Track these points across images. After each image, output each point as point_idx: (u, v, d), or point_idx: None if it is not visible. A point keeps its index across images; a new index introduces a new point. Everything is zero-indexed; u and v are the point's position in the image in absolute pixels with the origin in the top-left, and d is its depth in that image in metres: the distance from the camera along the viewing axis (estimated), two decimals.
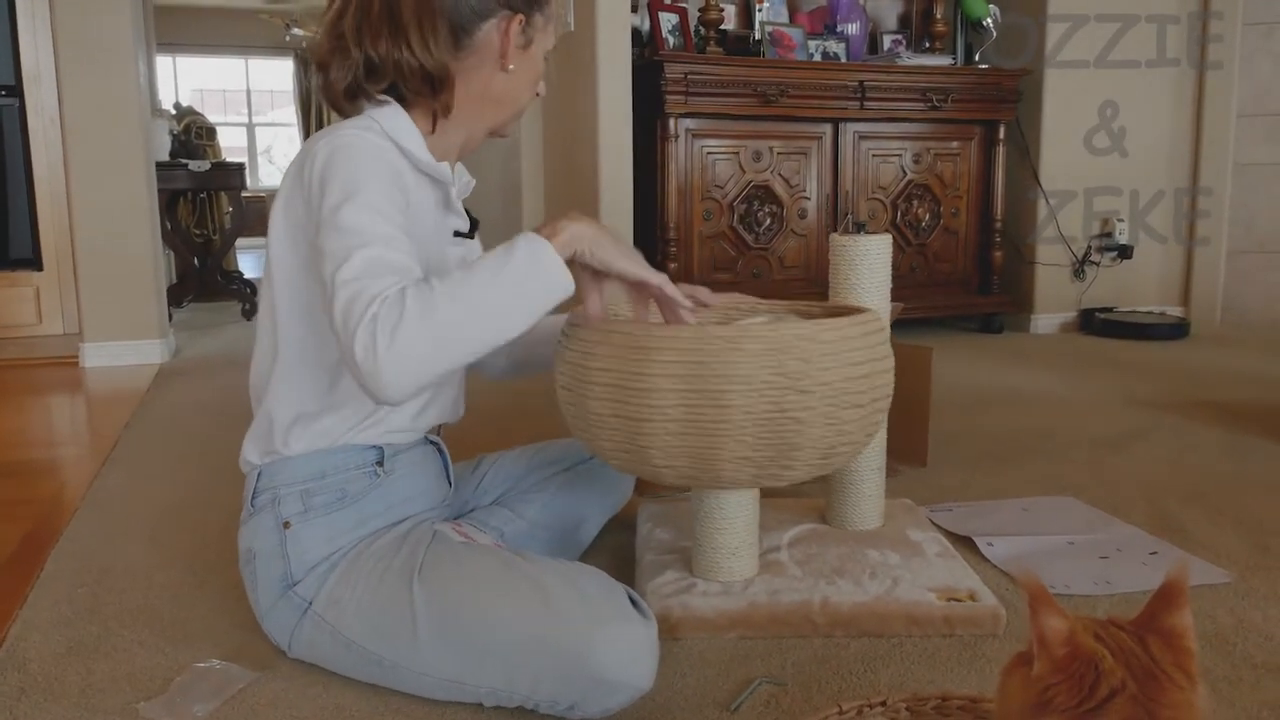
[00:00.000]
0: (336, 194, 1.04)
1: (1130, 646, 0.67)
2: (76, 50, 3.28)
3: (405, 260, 1.01)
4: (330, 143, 1.09)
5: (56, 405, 2.90)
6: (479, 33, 1.18)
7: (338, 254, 1.00)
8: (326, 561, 1.15)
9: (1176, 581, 0.68)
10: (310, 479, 1.18)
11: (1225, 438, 2.25)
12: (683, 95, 3.26)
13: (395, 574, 1.11)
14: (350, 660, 1.13)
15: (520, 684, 1.04)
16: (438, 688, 1.09)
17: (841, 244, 1.52)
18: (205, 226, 5.30)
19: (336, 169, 1.07)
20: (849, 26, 3.77)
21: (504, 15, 1.18)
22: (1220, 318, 3.99)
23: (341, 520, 1.17)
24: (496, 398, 2.57)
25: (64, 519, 1.80)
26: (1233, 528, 1.65)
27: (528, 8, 1.20)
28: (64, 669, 1.22)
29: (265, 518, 1.18)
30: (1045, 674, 0.67)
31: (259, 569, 1.18)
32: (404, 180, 1.13)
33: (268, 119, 11.60)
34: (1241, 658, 1.20)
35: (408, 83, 1.16)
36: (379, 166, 1.08)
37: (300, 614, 1.15)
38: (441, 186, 1.23)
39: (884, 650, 1.24)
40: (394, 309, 0.94)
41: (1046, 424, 2.41)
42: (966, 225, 3.85)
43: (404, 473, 1.23)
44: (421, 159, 1.17)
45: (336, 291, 0.97)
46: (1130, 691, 0.64)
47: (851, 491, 1.54)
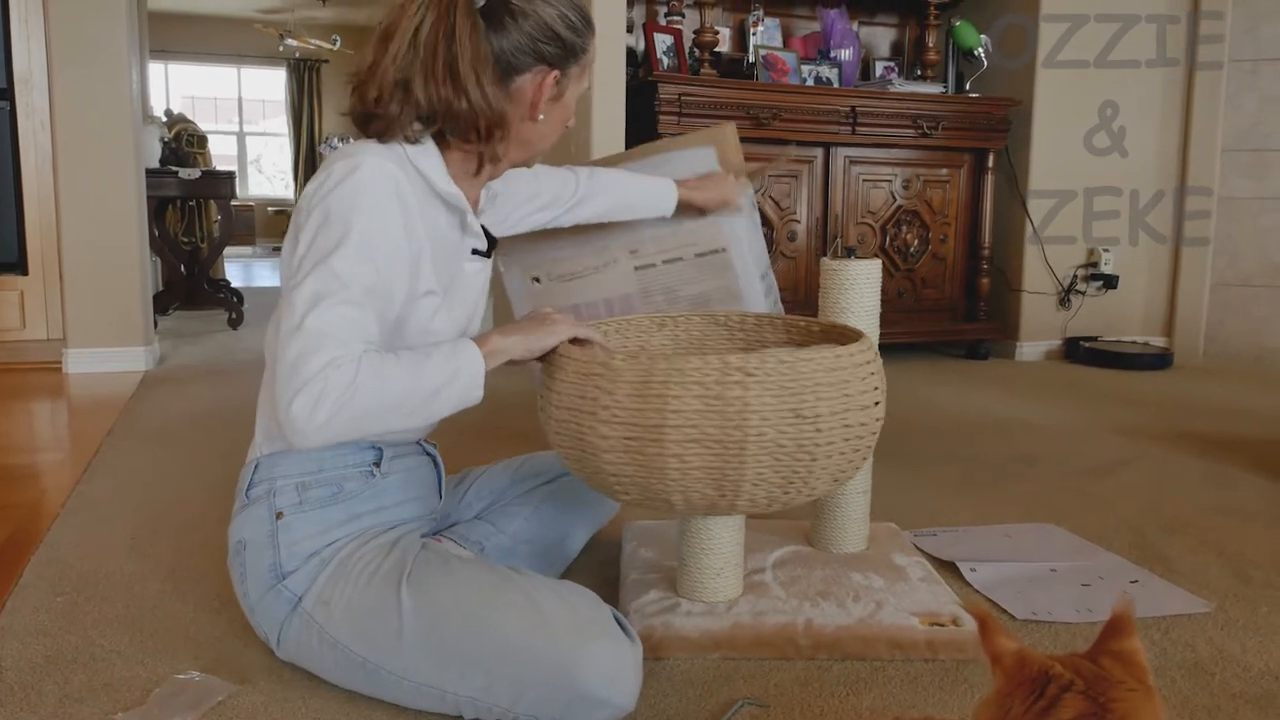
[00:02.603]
0: (339, 226, 1.07)
1: (1081, 661, 0.70)
2: (69, 54, 3.27)
3: (369, 326, 1.07)
4: (348, 170, 1.10)
5: (39, 411, 2.88)
6: (514, 85, 1.19)
7: (316, 294, 1.04)
8: (317, 557, 1.16)
9: (1123, 614, 0.72)
10: (308, 473, 1.19)
11: (1207, 468, 2.26)
12: (676, 116, 3.27)
13: (383, 577, 1.12)
14: (334, 661, 1.13)
15: (501, 695, 1.04)
16: (418, 693, 1.09)
17: (833, 268, 1.53)
18: (193, 234, 5.29)
19: (343, 204, 1.08)
20: (842, 52, 3.81)
21: (540, 70, 1.19)
22: (1203, 349, 4.03)
23: (334, 514, 1.18)
24: (481, 413, 2.57)
25: (44, 526, 1.78)
26: (1214, 558, 1.66)
27: (564, 62, 1.21)
28: (41, 679, 1.20)
29: (259, 508, 1.19)
30: (1001, 687, 0.70)
31: (249, 559, 1.18)
32: (410, 210, 1.14)
33: (259, 128, 11.59)
34: (1220, 687, 1.21)
35: (459, 129, 1.17)
36: (386, 206, 1.10)
37: (290, 609, 1.15)
38: (459, 212, 1.25)
39: (867, 673, 1.24)
40: (344, 384, 1.01)
41: (1030, 451, 2.42)
42: (954, 252, 3.88)
43: (399, 478, 1.25)
44: (440, 187, 1.19)
45: (298, 332, 1.02)
46: (1080, 687, 0.67)
47: (837, 515, 1.54)
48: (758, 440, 1.12)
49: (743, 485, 1.15)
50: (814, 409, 1.14)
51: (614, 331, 1.50)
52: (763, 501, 1.19)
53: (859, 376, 1.19)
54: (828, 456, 1.17)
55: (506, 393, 1.23)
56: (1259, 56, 3.84)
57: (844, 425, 1.16)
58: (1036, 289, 3.97)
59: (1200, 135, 3.95)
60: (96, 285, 3.39)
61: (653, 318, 1.54)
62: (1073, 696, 0.67)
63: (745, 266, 1.79)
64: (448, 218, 1.24)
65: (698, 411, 1.12)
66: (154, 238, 4.31)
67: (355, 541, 1.17)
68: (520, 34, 1.16)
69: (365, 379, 1.02)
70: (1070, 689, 0.67)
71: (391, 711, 1.12)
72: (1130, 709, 0.66)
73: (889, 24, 4.22)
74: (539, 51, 1.18)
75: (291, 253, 1.12)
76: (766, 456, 1.13)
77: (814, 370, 1.14)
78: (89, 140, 3.33)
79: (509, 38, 1.15)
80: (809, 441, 1.14)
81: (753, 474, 1.14)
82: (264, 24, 10.28)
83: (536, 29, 1.17)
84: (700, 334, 1.55)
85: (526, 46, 1.17)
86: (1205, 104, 3.92)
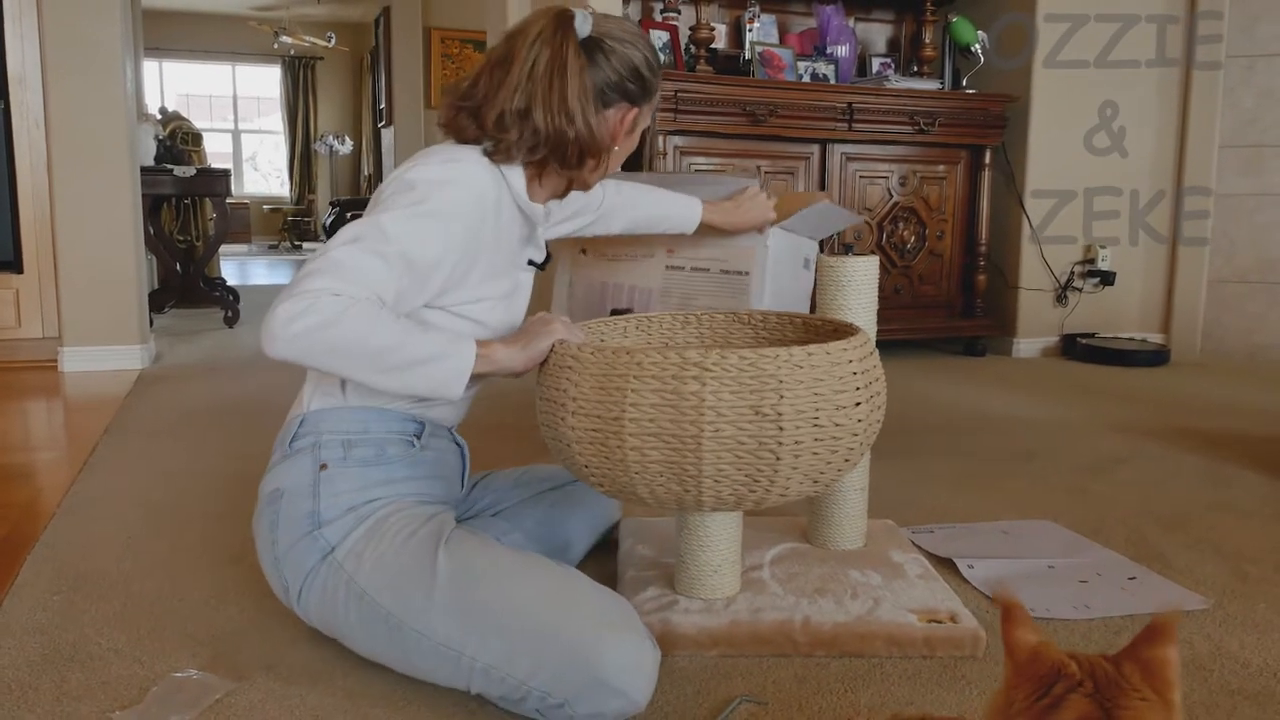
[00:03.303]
0: (417, 193, 1.15)
1: (1100, 663, 0.68)
2: (64, 53, 3.27)
3: (387, 285, 1.10)
4: (448, 159, 1.21)
5: (34, 409, 2.87)
6: (602, 116, 1.28)
7: (357, 235, 1.10)
8: (354, 512, 1.19)
9: (1162, 622, 0.69)
10: (354, 431, 1.23)
11: (1205, 465, 2.27)
12: (672, 113, 3.27)
13: (422, 539, 1.16)
14: (357, 615, 1.14)
15: (519, 667, 1.05)
16: (435, 653, 1.10)
17: (830, 265, 1.53)
18: (189, 232, 5.27)
19: (428, 182, 1.16)
20: (838, 49, 3.80)
21: (624, 107, 1.30)
22: (1200, 346, 4.03)
23: (375, 474, 1.22)
24: (485, 416, 2.56)
25: (40, 524, 1.78)
26: (1212, 554, 1.67)
27: (642, 100, 1.31)
28: (38, 677, 1.20)
29: (302, 459, 1.22)
30: (1010, 679, 0.69)
31: (284, 507, 1.21)
32: (488, 212, 1.23)
33: (254, 126, 11.57)
34: (1218, 684, 1.21)
35: (562, 155, 1.25)
36: (464, 205, 1.19)
37: (320, 558, 1.17)
38: (530, 224, 1.34)
39: (864, 670, 1.24)
40: (332, 311, 1.04)
41: (1027, 447, 2.43)
42: (951, 248, 3.88)
43: (433, 455, 1.30)
44: (524, 201, 1.29)
45: (322, 258, 1.08)
46: (1087, 689, 0.66)
47: (834, 512, 1.54)
48: (714, 436, 1.12)
49: (703, 481, 1.15)
50: (776, 407, 1.13)
51: (635, 328, 1.51)
52: (729, 499, 1.19)
53: (835, 376, 1.16)
54: (795, 456, 1.15)
55: (516, 390, 1.23)
56: (1256, 53, 3.84)
57: (814, 425, 1.15)
58: (1034, 285, 3.97)
59: (1198, 133, 3.95)
60: (92, 283, 3.39)
61: (676, 315, 1.54)
62: (1078, 698, 0.65)
63: (760, 298, 1.82)
64: (520, 229, 1.31)
65: (654, 405, 1.12)
66: (149, 236, 4.29)
67: (393, 505, 1.21)
68: (611, 71, 1.27)
69: (354, 316, 1.05)
70: (1077, 690, 0.66)
71: (391, 707, 1.12)
72: (1136, 717, 0.64)
73: (885, 20, 4.21)
74: (625, 89, 1.29)
75: None
76: (726, 453, 1.13)
77: (778, 368, 1.13)
78: (84, 138, 3.32)
79: (601, 73, 1.26)
80: (771, 440, 1.13)
81: (712, 470, 1.14)
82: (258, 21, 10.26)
83: (624, 68, 1.28)
84: (725, 331, 1.54)
85: (615, 84, 1.27)
86: (1203, 102, 3.93)
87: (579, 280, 2.00)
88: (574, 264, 2.00)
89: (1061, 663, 0.68)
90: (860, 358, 1.21)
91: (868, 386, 1.21)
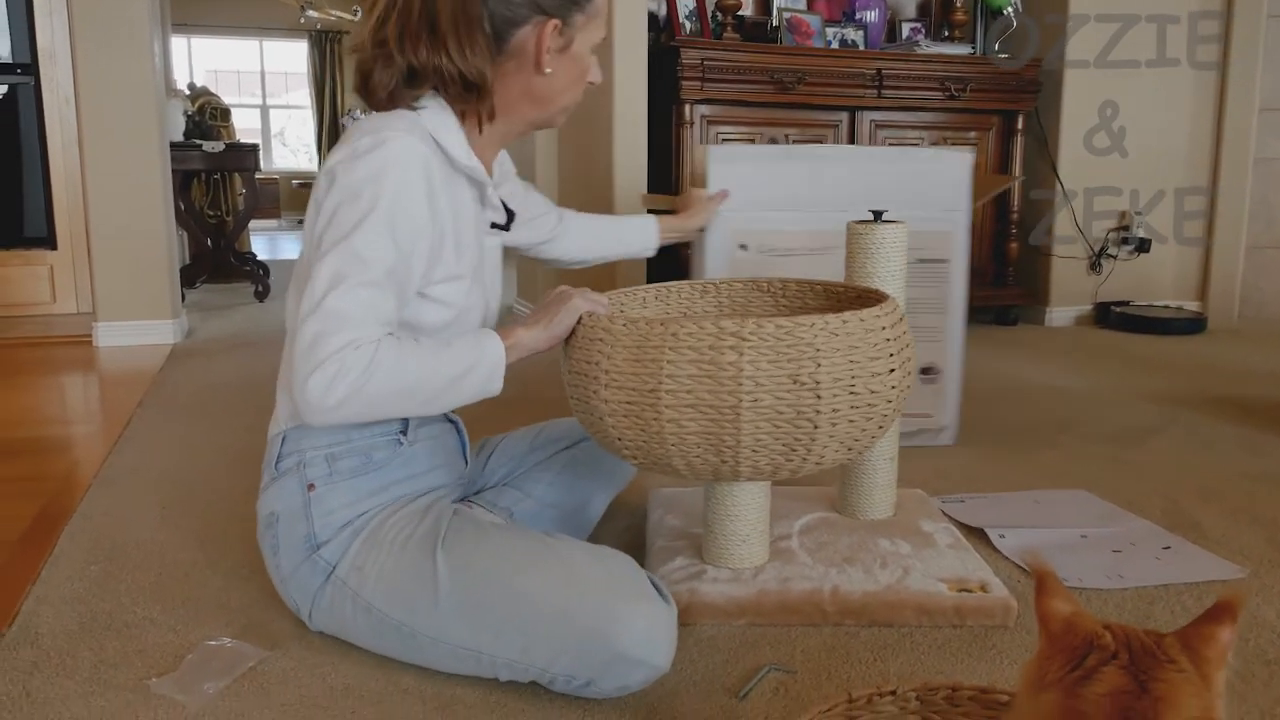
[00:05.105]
0: (364, 200, 1.07)
1: (1137, 634, 0.67)
2: (92, 29, 3.28)
3: (388, 308, 1.07)
4: (373, 144, 1.10)
5: (70, 384, 2.91)
6: (514, 39, 1.18)
7: (337, 274, 1.05)
8: (350, 527, 1.16)
9: (1225, 601, 0.66)
10: (335, 443, 1.19)
11: (1242, 434, 2.23)
12: (699, 81, 3.23)
13: (418, 542, 1.13)
14: (369, 627, 1.14)
15: (538, 656, 1.05)
16: (454, 656, 1.09)
17: (858, 232, 1.51)
18: (219, 208, 5.31)
19: (367, 179, 1.08)
20: (868, 14, 3.74)
21: (538, 21, 1.18)
22: (1238, 313, 3.96)
23: (365, 484, 1.19)
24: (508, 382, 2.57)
25: (77, 496, 1.80)
26: (1248, 524, 1.64)
27: (563, 11, 1.19)
28: (76, 645, 1.22)
29: (290, 481, 1.19)
30: (1043, 649, 0.68)
31: (281, 532, 1.19)
32: (435, 185, 1.14)
33: (282, 101, 11.60)
34: (1254, 654, 1.19)
35: (448, 89, 1.17)
36: (411, 184, 1.10)
37: (324, 578, 1.16)
38: (479, 185, 1.25)
39: (894, 640, 1.23)
40: (361, 365, 1.02)
41: (1061, 417, 2.40)
42: (983, 216, 3.82)
43: (425, 445, 1.26)
44: (461, 160, 1.19)
45: (317, 312, 1.03)
46: (1122, 661, 0.64)
47: (864, 481, 1.53)
48: (753, 406, 1.11)
49: (741, 451, 1.14)
50: (814, 375, 1.12)
51: (655, 298, 1.50)
52: (767, 468, 1.18)
53: (870, 343, 1.16)
54: (833, 424, 1.15)
55: (534, 362, 1.23)
56: None
57: (850, 392, 1.14)
58: (1067, 253, 3.91)
59: (1235, 92, 3.84)
60: (124, 259, 3.42)
61: (694, 284, 1.53)
62: (1112, 670, 0.64)
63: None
64: (469, 192, 1.24)
65: (692, 376, 1.11)
66: (180, 211, 4.32)
67: (388, 510, 1.18)
68: None
69: (383, 362, 1.04)
70: (1111, 662, 0.64)
71: (421, 675, 1.13)
72: (1170, 691, 0.62)
73: None
74: (534, 1, 1.16)
75: (313, 224, 1.12)
76: (764, 423, 1.12)
77: (814, 336, 1.12)
78: (114, 115, 3.34)
79: None
80: (809, 408, 1.12)
81: (750, 440, 1.13)
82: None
83: None
84: (744, 300, 1.53)
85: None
86: (1242, 62, 3.82)
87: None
88: (730, 266, 1.94)
89: (1096, 634, 0.66)
90: (892, 324, 1.21)
91: (900, 353, 1.21)
